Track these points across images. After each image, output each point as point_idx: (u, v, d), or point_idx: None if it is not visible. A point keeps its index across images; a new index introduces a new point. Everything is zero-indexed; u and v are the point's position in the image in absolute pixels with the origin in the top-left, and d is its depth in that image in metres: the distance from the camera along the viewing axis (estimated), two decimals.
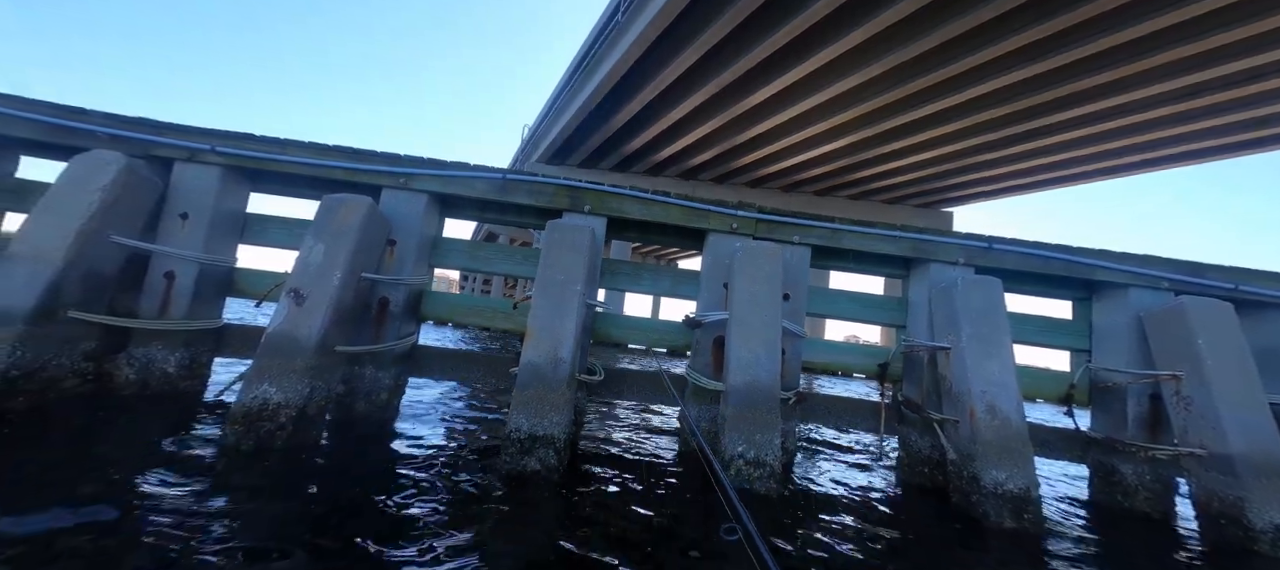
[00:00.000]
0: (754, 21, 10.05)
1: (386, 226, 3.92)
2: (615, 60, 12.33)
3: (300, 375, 3.04)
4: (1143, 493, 3.78)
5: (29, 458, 2.50)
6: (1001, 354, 3.51)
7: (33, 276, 3.07)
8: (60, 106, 4.02)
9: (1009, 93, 11.62)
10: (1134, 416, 3.87)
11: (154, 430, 3.06)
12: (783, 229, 4.25)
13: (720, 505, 2.94)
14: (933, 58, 10.56)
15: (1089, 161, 15.57)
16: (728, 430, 3.29)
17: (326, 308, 3.23)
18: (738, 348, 3.53)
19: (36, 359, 3.08)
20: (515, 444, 3.00)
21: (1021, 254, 4.23)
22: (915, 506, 3.52)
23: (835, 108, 13.04)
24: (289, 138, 4.19)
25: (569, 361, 3.27)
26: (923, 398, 3.98)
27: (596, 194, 4.22)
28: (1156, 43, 9.24)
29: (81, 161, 3.47)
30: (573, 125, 16.52)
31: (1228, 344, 3.52)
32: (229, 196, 4.09)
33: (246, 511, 2.22)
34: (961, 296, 3.70)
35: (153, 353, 3.66)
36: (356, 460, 3.08)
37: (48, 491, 2.17)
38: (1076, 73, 10.45)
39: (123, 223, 3.51)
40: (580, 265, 3.59)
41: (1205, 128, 12.43)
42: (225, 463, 2.69)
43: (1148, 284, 4.09)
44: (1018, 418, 3.32)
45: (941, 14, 9.14)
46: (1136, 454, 3.78)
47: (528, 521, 2.50)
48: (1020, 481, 3.13)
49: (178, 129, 4.04)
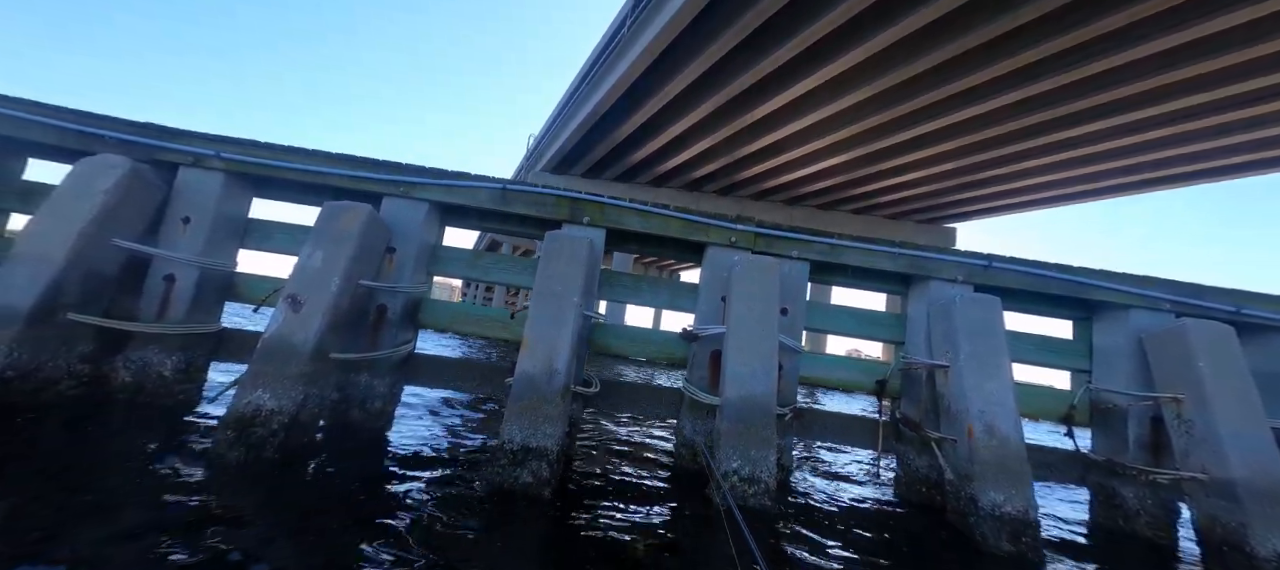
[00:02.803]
0: (759, 37, 10.16)
1: (386, 234, 3.94)
2: (620, 73, 12.46)
3: (294, 382, 3.03)
4: (1144, 517, 3.72)
5: (19, 458, 2.49)
6: (1000, 373, 3.49)
7: (34, 277, 3.09)
8: (69, 110, 4.07)
9: (1012, 110, 11.67)
10: (1135, 439, 3.83)
11: (145, 435, 3.06)
12: (781, 243, 4.25)
13: (717, 522, 2.92)
14: (936, 75, 10.64)
15: (1091, 180, 15.59)
16: (722, 445, 3.27)
17: (323, 314, 3.23)
18: (734, 362, 3.51)
19: (33, 360, 3.09)
20: (507, 455, 2.97)
21: (1021, 273, 4.22)
22: (912, 526, 3.47)
23: (838, 123, 13.12)
24: (293, 145, 4.23)
25: (564, 373, 3.26)
26: (921, 416, 3.95)
27: (596, 205, 4.24)
28: (1158, 64, 9.28)
29: (86, 164, 3.51)
30: (577, 136, 16.65)
31: (1229, 367, 3.49)
32: (231, 201, 4.11)
33: (228, 521, 2.20)
34: (960, 314, 3.69)
35: (149, 356, 3.67)
36: (347, 468, 3.06)
37: (34, 499, 2.16)
38: (1078, 92, 10.50)
39: (125, 225, 3.53)
40: (578, 276, 3.59)
41: (1206, 149, 12.45)
42: (214, 470, 2.68)
43: (1148, 305, 4.06)
44: (1016, 438, 3.29)
45: (944, 33, 9.23)
46: (1138, 477, 3.73)
47: (517, 536, 2.47)
48: (1018, 503, 3.09)
49: (184, 134, 4.08)
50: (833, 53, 10.17)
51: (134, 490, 2.33)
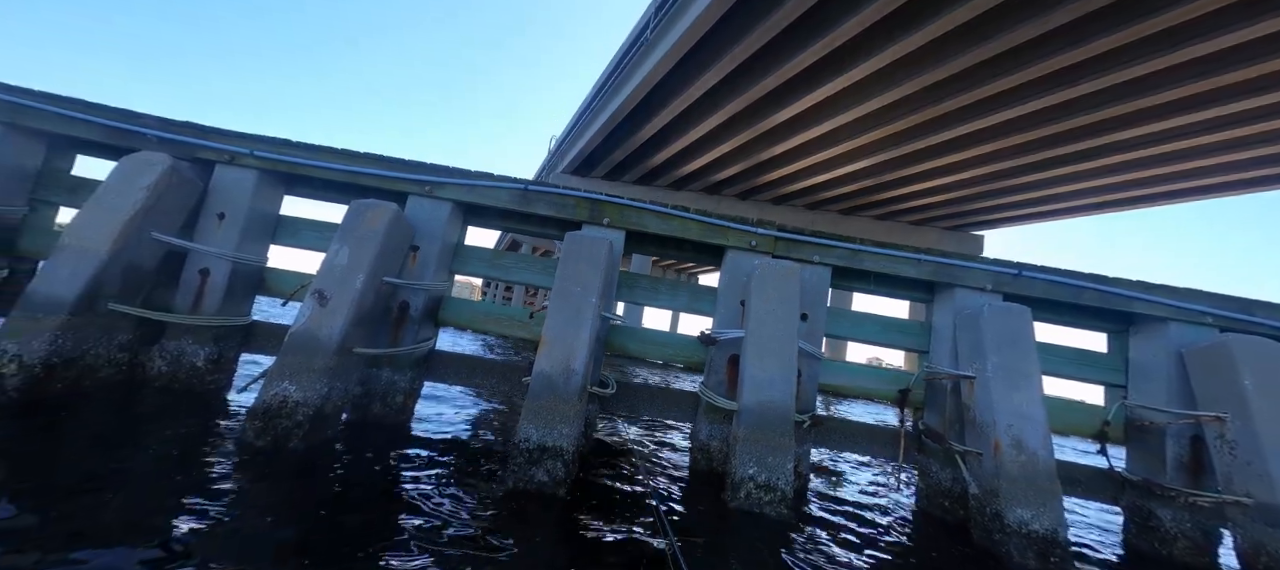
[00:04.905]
0: (782, 40, 10.07)
1: (410, 232, 4.02)
2: (642, 77, 12.49)
3: (319, 375, 3.11)
4: (1182, 541, 3.55)
5: (61, 445, 2.61)
6: (1029, 386, 3.37)
7: (78, 268, 3.24)
8: (114, 109, 4.26)
9: (1044, 116, 11.31)
10: (1173, 458, 3.66)
11: (178, 422, 3.17)
12: (802, 248, 4.19)
13: (733, 527, 2.88)
14: (964, 79, 10.38)
15: (1131, 187, 14.94)
16: (739, 451, 3.23)
17: (348, 309, 3.31)
18: (752, 367, 3.48)
19: (77, 347, 3.24)
20: (523, 454, 2.99)
21: (1053, 282, 4.08)
22: (933, 541, 3.38)
23: (861, 127, 12.90)
24: (322, 144, 4.35)
25: (581, 373, 3.27)
26: (945, 427, 3.84)
27: (616, 207, 4.25)
28: (1203, 68, 8.89)
29: (130, 161, 3.66)
30: (598, 139, 16.74)
31: (1277, 386, 3.31)
32: (263, 198, 4.25)
33: (253, 506, 2.26)
34: (988, 324, 3.58)
35: (184, 346, 3.80)
36: (367, 460, 3.11)
37: (74, 480, 2.25)
38: (1118, 97, 10.12)
39: (164, 220, 3.68)
40: (596, 277, 3.60)
41: (1256, 157, 11.86)
42: (241, 458, 2.76)
43: (1190, 319, 3.88)
44: (1046, 453, 3.18)
45: (973, 36, 9.00)
46: (1176, 499, 3.56)
47: (531, 534, 2.48)
48: (1047, 521, 2.98)
49: (220, 133, 4.23)
50: (859, 55, 10.01)
51: (161, 474, 2.41)
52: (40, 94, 4.19)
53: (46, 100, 4.16)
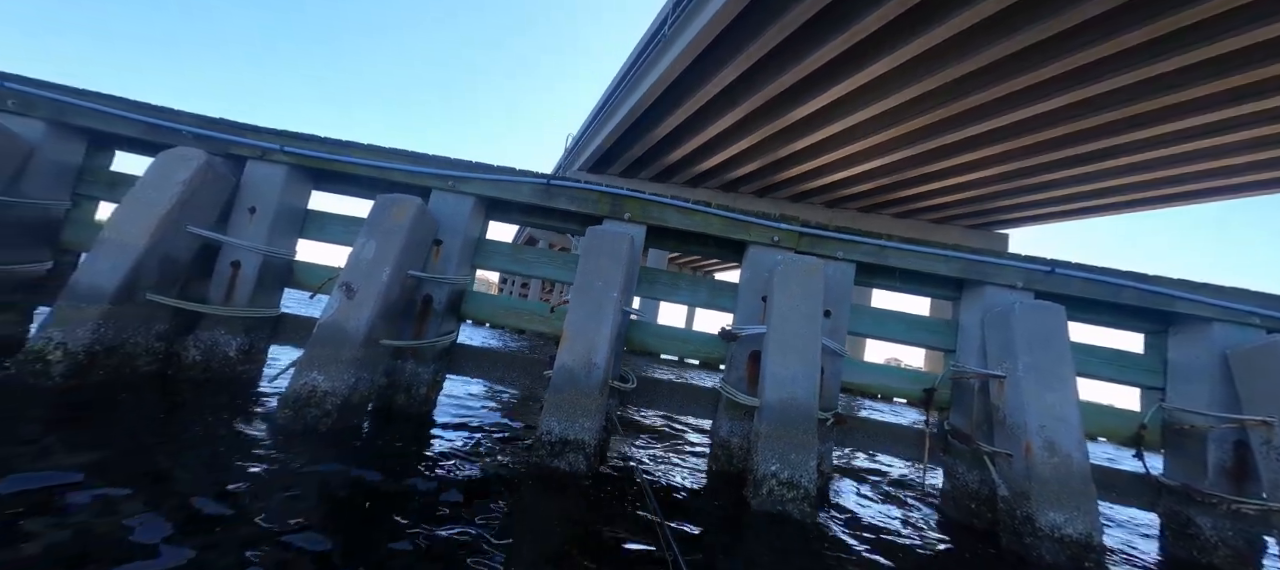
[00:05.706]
0: (801, 35, 9.94)
1: (434, 226, 4.06)
2: (660, 73, 12.46)
3: (346, 366, 3.17)
4: (1223, 549, 3.42)
5: (106, 431, 2.70)
6: (1063, 386, 3.28)
7: (118, 260, 3.34)
8: (152, 106, 4.39)
9: (1065, 113, 10.99)
10: (1215, 464, 3.52)
11: (214, 409, 3.26)
12: (826, 244, 4.13)
13: (753, 524, 2.86)
14: (987, 74, 10.13)
15: (1154, 186, 14.44)
16: (761, 448, 3.20)
17: (374, 302, 3.37)
18: (774, 363, 3.44)
19: (117, 336, 3.34)
20: (545, 446, 3.01)
21: (1088, 280, 3.95)
22: (961, 544, 3.31)
23: (882, 124, 12.68)
24: (349, 140, 4.42)
25: (603, 367, 3.27)
26: (972, 428, 3.75)
27: (637, 202, 4.24)
28: (1235, 62, 8.53)
29: (166, 157, 3.77)
30: (615, 135, 16.76)
31: None
32: (293, 193, 4.33)
33: (283, 487, 2.32)
34: (1020, 322, 3.49)
35: (217, 336, 3.91)
36: (390, 450, 3.16)
37: (120, 462, 2.33)
38: (1139, 95, 9.77)
39: (198, 214, 3.78)
40: (618, 272, 3.60)
41: None
42: (272, 443, 2.83)
43: (1235, 319, 3.73)
44: (1080, 456, 3.08)
45: (1002, 28, 8.77)
46: (1217, 506, 3.43)
47: (553, 526, 2.49)
48: (1081, 526, 2.90)
49: (252, 129, 4.33)
50: (882, 49, 9.83)
51: (198, 458, 2.48)
52: (83, 92, 4.33)
53: (89, 98, 4.30)
